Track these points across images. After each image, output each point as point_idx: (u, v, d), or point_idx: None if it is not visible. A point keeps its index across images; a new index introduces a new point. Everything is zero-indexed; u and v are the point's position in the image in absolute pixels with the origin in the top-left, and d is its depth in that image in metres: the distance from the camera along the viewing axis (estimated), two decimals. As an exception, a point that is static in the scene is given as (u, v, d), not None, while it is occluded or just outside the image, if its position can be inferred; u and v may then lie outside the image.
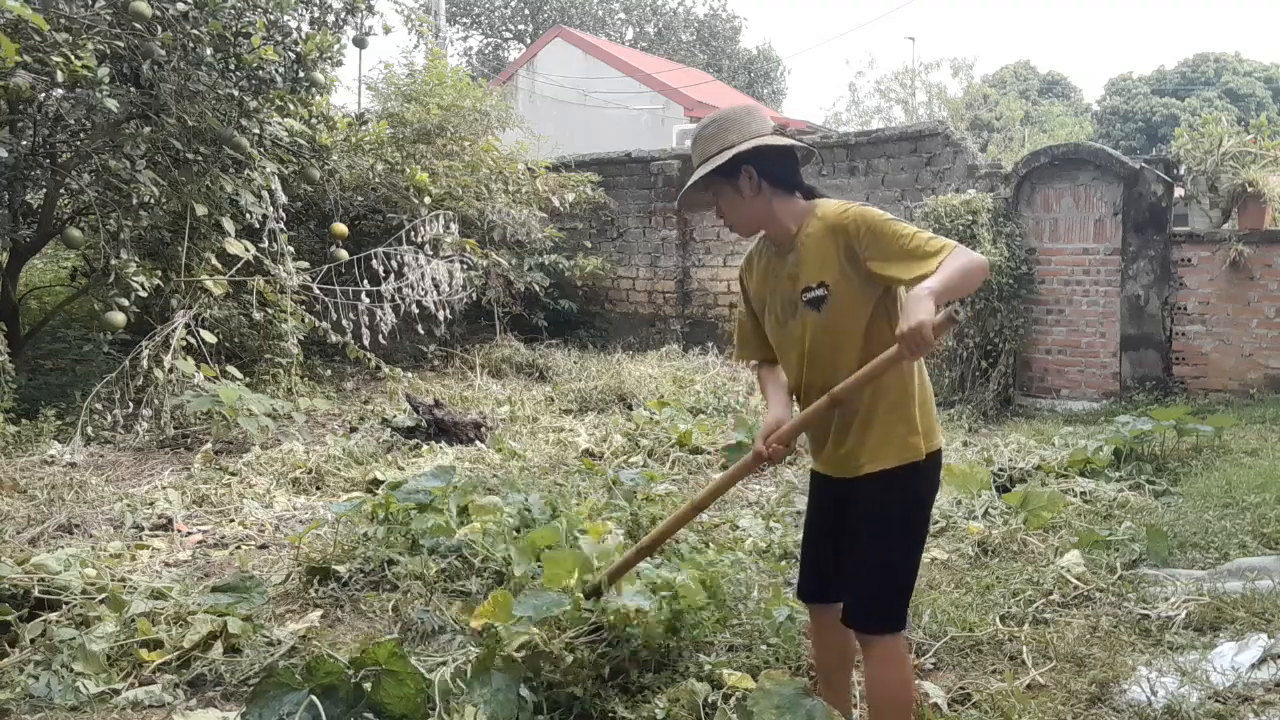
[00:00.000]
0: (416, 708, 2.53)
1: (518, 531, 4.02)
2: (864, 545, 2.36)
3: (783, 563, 4.15)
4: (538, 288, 10.77)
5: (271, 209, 7.35)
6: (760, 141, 2.36)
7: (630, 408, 7.90)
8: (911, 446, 2.32)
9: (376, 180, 9.28)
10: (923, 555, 2.44)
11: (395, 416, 7.03)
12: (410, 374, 8.68)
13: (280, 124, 7.35)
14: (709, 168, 2.38)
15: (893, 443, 2.31)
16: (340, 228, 8.39)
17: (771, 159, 2.39)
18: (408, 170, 9.33)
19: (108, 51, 6.11)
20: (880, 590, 2.34)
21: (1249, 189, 7.59)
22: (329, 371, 9.11)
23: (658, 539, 2.84)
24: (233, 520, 4.99)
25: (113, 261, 6.35)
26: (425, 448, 6.38)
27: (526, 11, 35.35)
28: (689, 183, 2.46)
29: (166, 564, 4.31)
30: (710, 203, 2.50)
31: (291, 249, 7.84)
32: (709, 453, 6.37)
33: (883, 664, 2.35)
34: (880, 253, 2.23)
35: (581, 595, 2.87)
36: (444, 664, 2.76)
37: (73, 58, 5.68)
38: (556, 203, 10.81)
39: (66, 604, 3.47)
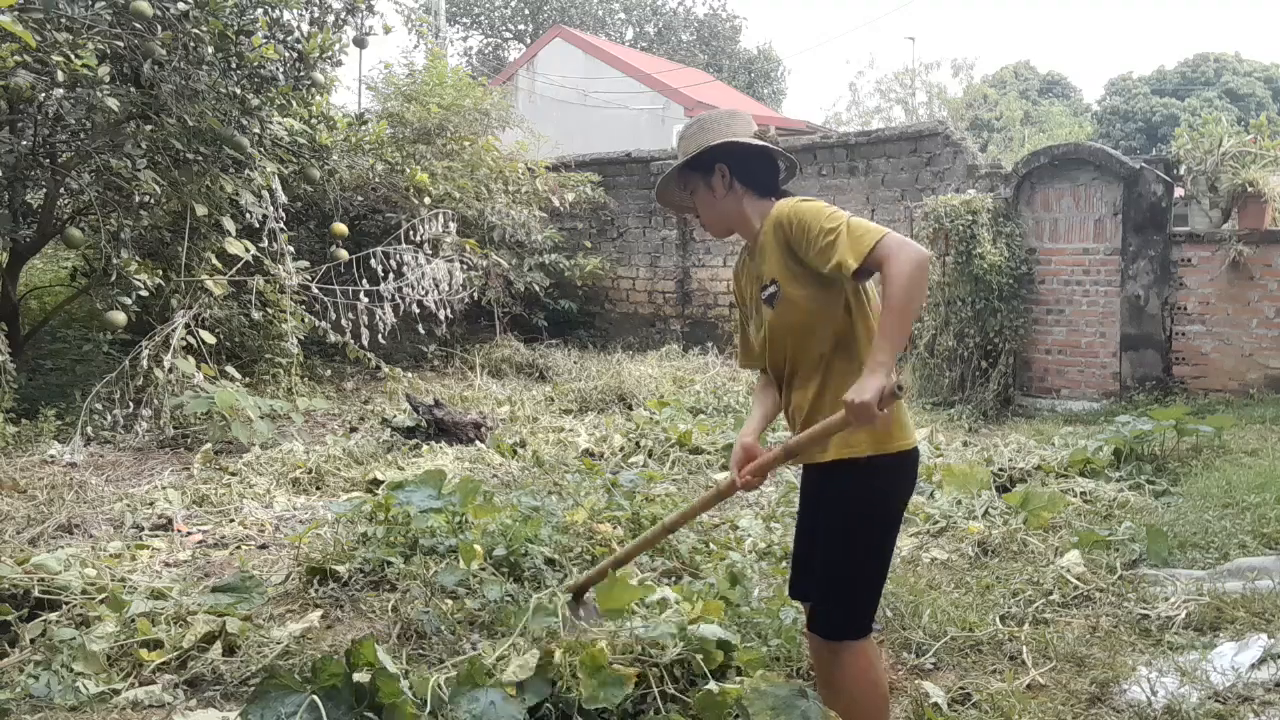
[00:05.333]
0: (406, 706, 2.52)
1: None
2: (824, 552, 2.33)
3: (783, 564, 4.15)
4: (538, 288, 10.77)
5: (271, 209, 7.35)
6: (734, 139, 2.38)
7: (630, 408, 7.90)
8: (853, 443, 2.23)
9: (376, 180, 9.29)
10: (888, 560, 2.36)
11: (395, 416, 7.03)
12: (410, 374, 8.68)
13: (280, 124, 7.35)
14: (684, 160, 2.43)
15: (834, 437, 2.24)
16: (340, 227, 8.39)
17: (746, 160, 2.41)
18: (408, 170, 9.34)
19: (108, 51, 6.11)
20: (839, 599, 2.31)
21: (1249, 189, 7.58)
22: (329, 371, 9.12)
23: (627, 557, 2.93)
24: (233, 520, 4.99)
25: (114, 261, 6.35)
26: (425, 448, 6.38)
27: (526, 11, 35.35)
28: (664, 174, 2.52)
29: (166, 564, 4.31)
30: (687, 202, 2.53)
31: (291, 249, 7.84)
32: (709, 453, 6.37)
33: (847, 669, 2.32)
34: (805, 247, 2.21)
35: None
36: (434, 667, 2.76)
37: (73, 57, 5.68)
38: (556, 203, 10.81)
39: (66, 604, 3.47)
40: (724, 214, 2.45)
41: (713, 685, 2.56)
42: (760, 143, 2.40)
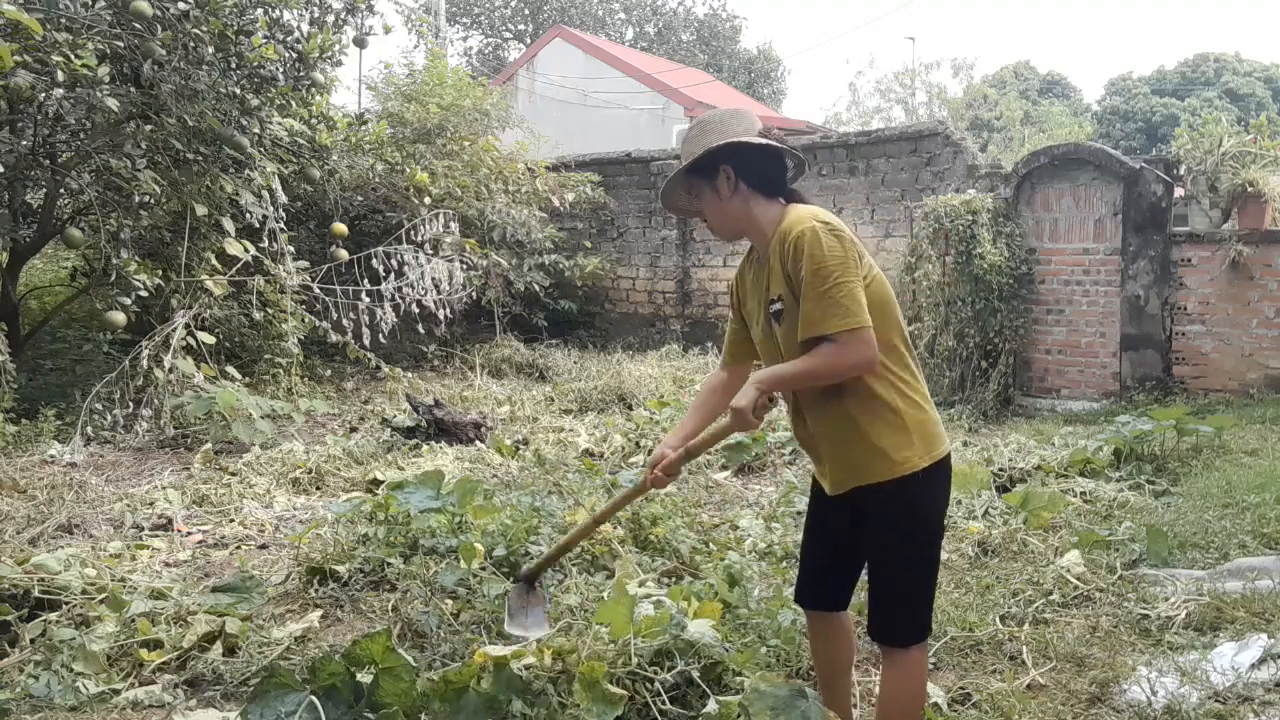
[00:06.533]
0: (413, 702, 2.52)
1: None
2: (873, 561, 2.35)
3: (783, 564, 4.15)
4: (538, 288, 10.77)
5: (271, 209, 7.35)
6: (737, 139, 2.30)
7: (630, 408, 7.90)
8: (889, 466, 2.23)
9: (376, 180, 9.29)
10: (939, 563, 2.40)
11: (395, 416, 7.04)
12: (410, 374, 8.68)
13: (280, 124, 7.36)
14: (686, 166, 2.37)
15: (863, 465, 2.26)
16: (340, 227, 8.40)
17: (752, 161, 2.33)
18: (408, 170, 9.34)
19: (108, 51, 6.11)
20: (893, 606, 2.33)
21: (1249, 189, 7.58)
22: (329, 371, 9.12)
23: (569, 544, 3.08)
24: (233, 520, 4.99)
25: (114, 261, 6.35)
26: (425, 448, 6.38)
27: (526, 11, 35.35)
28: (667, 180, 2.46)
29: (166, 564, 4.31)
30: (694, 206, 2.47)
31: (291, 249, 7.85)
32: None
33: (897, 674, 2.34)
34: (799, 286, 2.20)
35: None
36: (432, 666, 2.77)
37: (73, 57, 5.68)
38: (556, 203, 10.81)
39: (66, 604, 3.47)
40: (732, 218, 2.38)
41: (712, 707, 2.54)
42: (765, 141, 2.33)
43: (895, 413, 2.25)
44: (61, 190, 6.94)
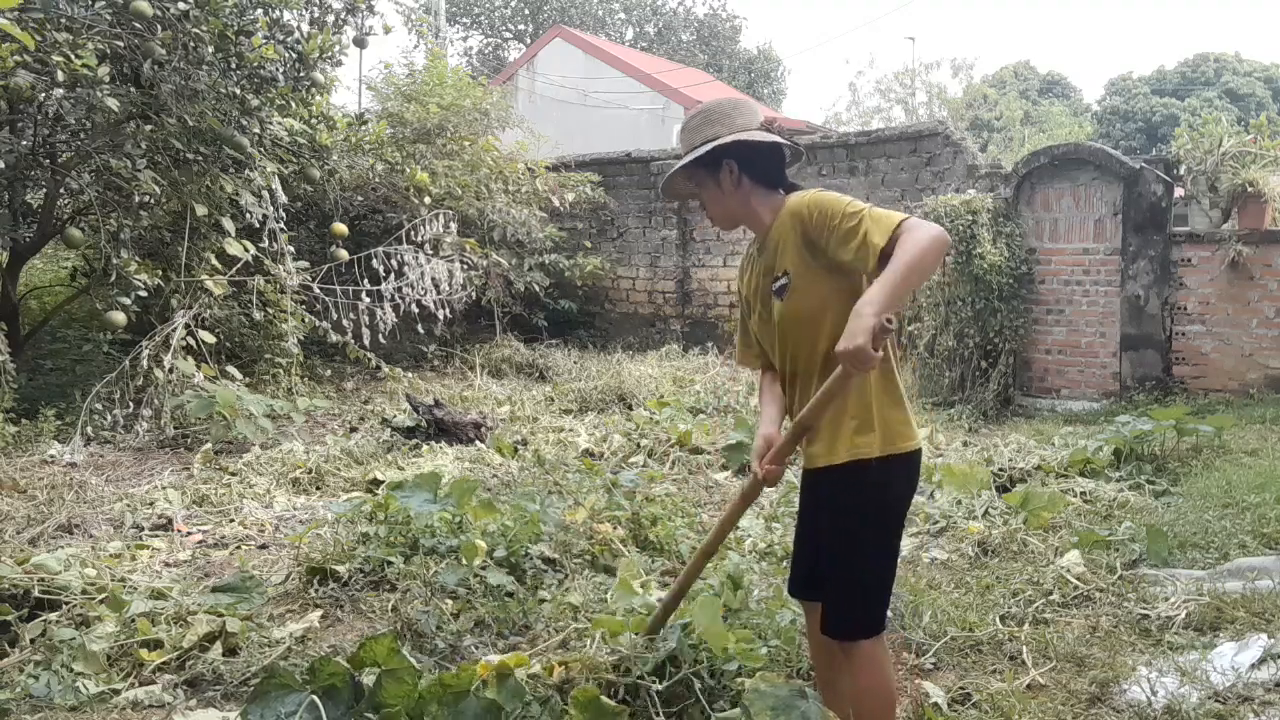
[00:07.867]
0: (415, 704, 2.52)
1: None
2: (831, 552, 2.33)
3: (783, 564, 4.15)
4: (538, 288, 10.77)
5: (271, 209, 7.35)
6: (741, 136, 2.33)
7: (630, 408, 7.90)
8: (862, 445, 2.24)
9: (376, 180, 9.29)
10: (896, 558, 2.37)
11: (395, 416, 7.04)
12: (410, 374, 8.68)
13: (280, 124, 7.36)
14: (690, 159, 2.38)
15: (841, 438, 2.26)
16: (340, 227, 8.40)
17: (754, 154, 2.36)
18: (408, 170, 9.34)
19: (108, 51, 6.11)
20: (849, 599, 2.30)
21: (1249, 189, 7.58)
22: (329, 371, 9.12)
23: (681, 592, 2.73)
24: (233, 520, 4.99)
25: (114, 261, 6.35)
26: (425, 448, 6.38)
27: (526, 11, 35.34)
28: (670, 172, 2.47)
29: (166, 564, 4.31)
30: (694, 193, 2.49)
31: (291, 249, 7.84)
32: (709, 453, 6.37)
33: (859, 670, 2.32)
34: (828, 235, 2.19)
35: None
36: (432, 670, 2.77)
37: (73, 57, 5.68)
38: (556, 203, 10.81)
39: (66, 604, 3.47)
40: (732, 209, 2.41)
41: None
42: (768, 137, 2.35)
43: (864, 405, 2.26)
44: (61, 190, 6.94)
